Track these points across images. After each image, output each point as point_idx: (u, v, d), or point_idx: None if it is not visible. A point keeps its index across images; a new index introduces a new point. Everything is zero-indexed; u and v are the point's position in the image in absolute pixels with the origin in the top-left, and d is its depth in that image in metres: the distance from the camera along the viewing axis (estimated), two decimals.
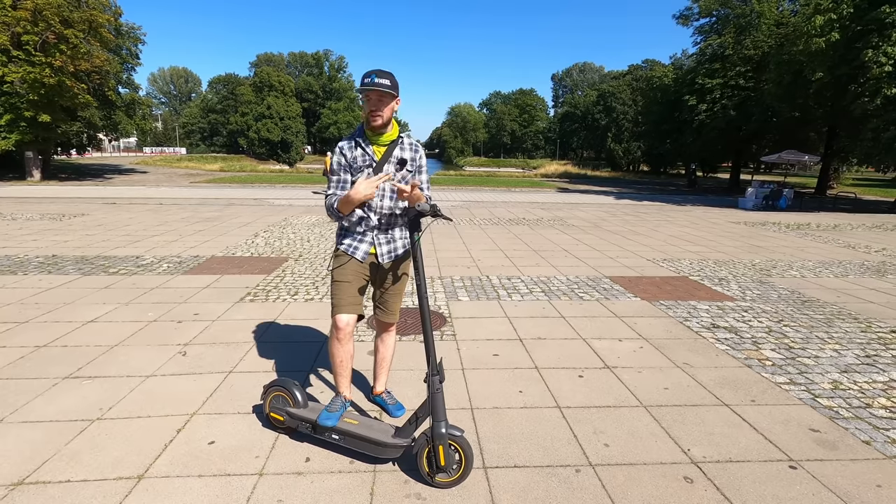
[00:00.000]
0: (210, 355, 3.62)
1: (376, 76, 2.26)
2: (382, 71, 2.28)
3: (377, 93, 2.28)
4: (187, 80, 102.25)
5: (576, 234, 9.72)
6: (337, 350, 2.49)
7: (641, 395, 3.16)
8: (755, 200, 18.56)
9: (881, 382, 3.42)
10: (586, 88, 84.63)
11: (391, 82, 2.30)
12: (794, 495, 2.25)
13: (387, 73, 2.30)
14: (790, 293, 5.64)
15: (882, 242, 9.58)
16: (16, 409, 2.83)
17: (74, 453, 2.44)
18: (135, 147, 75.46)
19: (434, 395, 2.22)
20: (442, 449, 2.19)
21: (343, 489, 2.22)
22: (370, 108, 2.32)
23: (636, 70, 60.86)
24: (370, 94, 2.29)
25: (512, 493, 2.21)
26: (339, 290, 2.47)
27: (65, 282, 5.48)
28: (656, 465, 2.45)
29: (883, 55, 16.71)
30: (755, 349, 3.95)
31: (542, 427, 2.76)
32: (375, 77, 2.26)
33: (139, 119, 32.31)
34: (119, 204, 13.33)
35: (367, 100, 2.31)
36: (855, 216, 15.00)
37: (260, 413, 2.82)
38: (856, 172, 41.73)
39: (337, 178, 2.45)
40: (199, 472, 2.30)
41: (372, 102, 2.30)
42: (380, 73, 2.27)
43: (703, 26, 30.58)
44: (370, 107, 2.31)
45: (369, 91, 2.27)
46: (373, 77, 2.26)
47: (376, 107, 2.31)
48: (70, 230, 8.79)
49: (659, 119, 36.19)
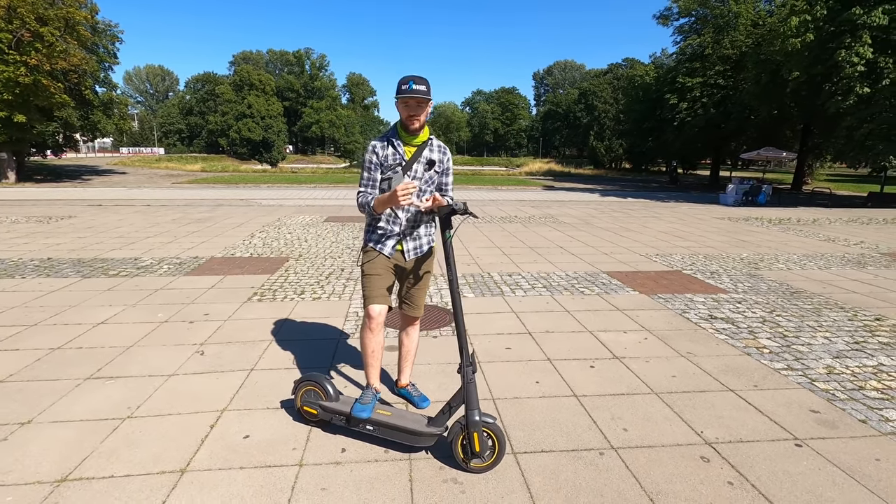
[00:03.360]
0: (228, 354, 3.67)
1: (414, 83, 2.37)
2: (419, 77, 2.40)
3: (416, 99, 2.39)
4: (164, 78, 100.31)
5: (568, 231, 9.92)
6: (369, 339, 2.59)
7: (652, 383, 3.31)
8: (736, 197, 19.07)
9: (871, 367, 3.64)
10: (568, 87, 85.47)
11: (427, 88, 2.42)
12: (802, 470, 2.42)
13: (423, 79, 2.41)
14: (779, 285, 5.88)
15: (859, 236, 9.98)
16: (43, 410, 2.86)
17: (112, 450, 2.48)
18: (110, 148, 73.74)
19: (468, 385, 2.33)
20: (477, 436, 2.30)
21: (382, 476, 2.32)
22: (409, 113, 2.43)
23: (616, 69, 61.82)
24: (409, 101, 2.40)
25: (543, 476, 2.34)
26: (370, 282, 2.57)
27: (65, 285, 5.43)
28: (673, 446, 2.60)
29: (855, 55, 17.31)
30: (752, 338, 4.15)
31: (562, 414, 2.90)
32: (413, 84, 2.37)
33: (118, 119, 31.67)
34: (105, 206, 13.11)
35: (405, 105, 2.42)
36: (832, 211, 15.54)
37: (289, 408, 2.90)
38: (829, 168, 43.01)
39: (368, 175, 2.55)
40: (241, 465, 2.38)
41: (411, 108, 2.42)
42: (417, 79, 2.38)
43: (683, 26, 31.19)
44: (409, 111, 2.43)
45: (409, 98, 2.38)
46: (411, 84, 2.37)
47: (415, 111, 2.43)
48: (60, 233, 8.66)
49: (641, 117, 36.82)
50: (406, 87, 2.37)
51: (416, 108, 2.42)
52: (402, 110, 2.45)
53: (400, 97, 2.41)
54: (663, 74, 34.38)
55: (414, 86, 2.36)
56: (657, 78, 36.33)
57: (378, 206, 2.45)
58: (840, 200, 20.52)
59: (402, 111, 2.45)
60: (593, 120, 56.92)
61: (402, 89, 2.38)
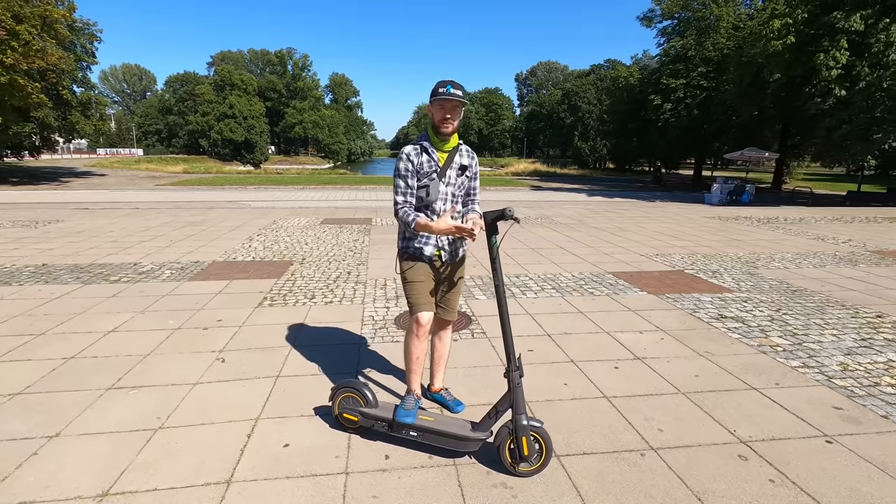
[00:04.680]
0: (250, 361, 3.62)
1: (452, 87, 2.39)
2: (455, 82, 2.41)
3: (453, 103, 2.40)
4: (141, 77, 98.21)
5: (566, 231, 10.01)
6: (415, 347, 2.59)
7: (677, 383, 3.37)
8: (720, 196, 19.47)
9: (881, 363, 3.75)
10: (551, 87, 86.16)
11: (463, 92, 2.43)
12: (837, 467, 2.49)
13: (459, 84, 2.42)
14: (779, 283, 6.03)
15: (846, 234, 10.28)
16: (69, 422, 2.78)
17: (150, 462, 2.43)
18: (86, 149, 71.73)
19: (515, 389, 2.34)
20: (525, 440, 2.31)
21: (432, 483, 2.31)
22: (445, 116, 2.44)
23: (598, 70, 62.60)
24: (446, 104, 2.41)
25: (590, 479, 2.36)
26: (415, 290, 2.56)
27: (66, 291, 5.29)
28: (710, 445, 2.65)
29: (832, 59, 17.82)
30: (764, 336, 4.25)
31: (597, 416, 2.93)
32: (451, 87, 2.39)
33: (96, 119, 30.91)
34: (92, 209, 12.79)
35: (441, 107, 2.43)
36: (814, 210, 15.96)
37: (324, 415, 2.87)
38: (806, 168, 44.16)
39: (405, 183, 2.54)
40: (286, 474, 2.35)
41: (447, 110, 2.44)
42: (454, 84, 2.40)
43: (666, 28, 31.74)
44: (445, 114, 2.44)
45: (446, 101, 2.39)
46: (448, 87, 2.39)
47: (451, 114, 2.45)
48: (50, 238, 8.42)
49: (625, 118, 37.35)
50: (444, 90, 2.39)
51: (452, 110, 2.44)
52: (437, 113, 2.46)
53: (437, 99, 2.42)
54: (647, 76, 34.95)
55: (451, 89, 2.39)
56: (641, 79, 36.90)
57: (420, 228, 2.44)
58: (819, 199, 21.08)
59: (437, 113, 2.46)
60: (577, 120, 57.47)
61: (439, 92, 2.39)
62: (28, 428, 2.72)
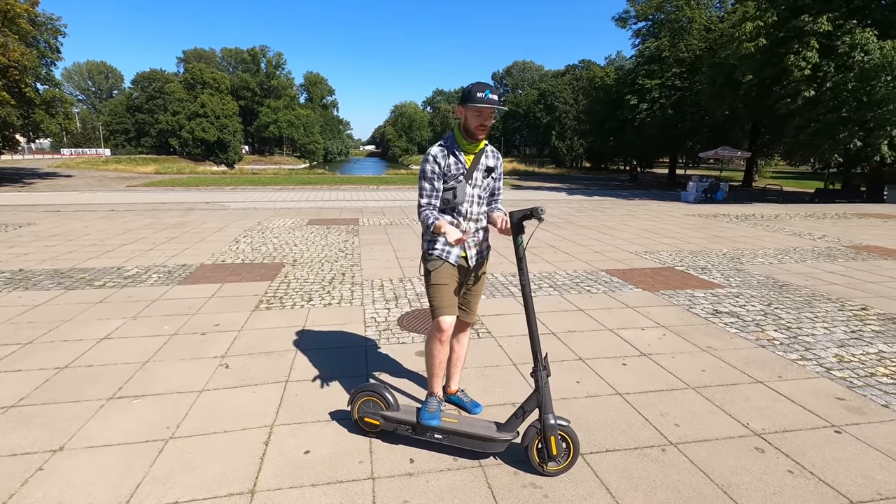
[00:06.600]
0: (255, 366, 3.53)
1: (490, 92, 2.35)
2: (491, 86, 2.39)
3: (491, 109, 2.37)
4: (107, 75, 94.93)
5: (553, 230, 10.09)
6: (438, 351, 2.55)
7: (685, 378, 3.42)
8: (696, 194, 19.97)
9: (873, 353, 3.89)
10: (527, 87, 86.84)
11: (499, 97, 2.41)
12: (849, 456, 2.56)
13: (495, 88, 2.41)
14: (766, 279, 6.20)
15: (820, 230, 10.65)
16: (72, 435, 2.66)
17: (166, 474, 2.34)
18: (48, 149, 68.90)
19: (543, 389, 2.33)
20: (553, 439, 2.31)
21: (461, 485, 2.29)
22: (482, 122, 2.41)
23: (574, 70, 63.47)
24: (484, 110, 2.37)
25: (617, 476, 2.37)
26: (439, 293, 2.52)
27: (49, 298, 5.07)
28: (727, 439, 2.70)
29: (802, 60, 18.47)
30: (761, 331, 4.36)
31: (613, 413, 2.95)
32: (489, 93, 2.35)
33: (62, 118, 29.75)
34: (64, 212, 12.30)
35: (478, 114, 2.39)
36: (786, 206, 16.50)
37: (341, 419, 2.82)
38: (775, 166, 45.64)
39: (431, 186, 2.50)
40: (311, 482, 2.29)
41: (484, 117, 2.40)
42: (492, 89, 2.37)
43: (641, 29, 32.36)
44: (482, 120, 2.40)
45: (484, 107, 2.35)
46: (487, 93, 2.35)
47: (487, 121, 2.42)
48: (24, 242, 8.06)
49: (602, 118, 37.91)
50: (482, 96, 2.33)
51: (488, 117, 2.41)
52: (473, 119, 2.41)
53: (475, 105, 2.35)
54: (623, 76, 35.55)
55: (490, 95, 2.34)
56: (617, 79, 37.51)
57: (437, 231, 2.39)
58: (788, 196, 21.84)
59: (474, 120, 2.41)
60: (554, 120, 58.09)
61: (477, 97, 2.34)
62: (29, 442, 2.59)
